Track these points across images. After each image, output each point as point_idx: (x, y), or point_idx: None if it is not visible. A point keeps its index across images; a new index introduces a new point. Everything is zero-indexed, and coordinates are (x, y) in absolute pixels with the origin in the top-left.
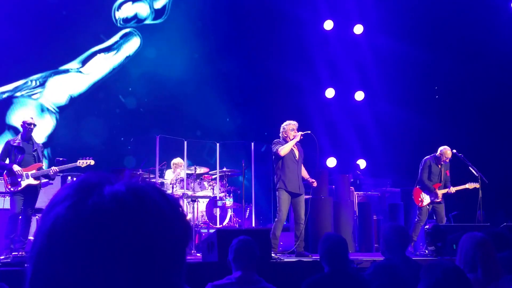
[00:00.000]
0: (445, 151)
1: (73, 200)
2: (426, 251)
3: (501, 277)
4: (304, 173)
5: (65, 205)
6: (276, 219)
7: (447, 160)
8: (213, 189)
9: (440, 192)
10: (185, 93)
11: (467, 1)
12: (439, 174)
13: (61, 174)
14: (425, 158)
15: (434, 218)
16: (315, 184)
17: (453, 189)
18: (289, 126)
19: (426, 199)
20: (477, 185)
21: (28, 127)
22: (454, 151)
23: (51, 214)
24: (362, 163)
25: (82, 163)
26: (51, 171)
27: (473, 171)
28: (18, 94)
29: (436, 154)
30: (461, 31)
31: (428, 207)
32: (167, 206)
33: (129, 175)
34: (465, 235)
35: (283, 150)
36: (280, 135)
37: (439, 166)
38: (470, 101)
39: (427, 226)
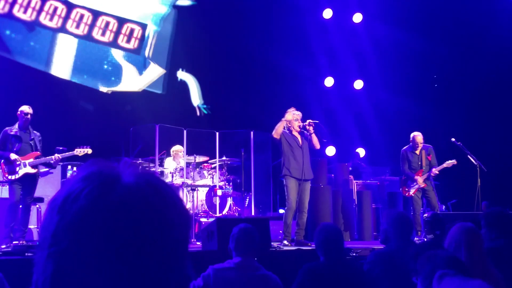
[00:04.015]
0: (415, 136)
1: (97, 193)
2: (425, 239)
3: (489, 268)
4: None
5: (89, 199)
6: (286, 208)
7: (419, 145)
8: (212, 178)
9: (420, 179)
10: (184, 82)
11: None
12: (419, 161)
13: (61, 163)
14: (402, 149)
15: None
16: (310, 128)
17: (435, 170)
18: (293, 116)
19: (411, 188)
20: (454, 162)
21: (25, 116)
22: (453, 139)
23: (75, 208)
24: (361, 152)
25: (79, 151)
26: (52, 159)
27: (471, 159)
28: None
29: (410, 142)
30: (459, 19)
31: (417, 195)
32: (175, 196)
33: (137, 166)
34: (456, 225)
35: (274, 131)
36: (286, 125)
37: (417, 153)
38: (469, 89)
39: (426, 215)
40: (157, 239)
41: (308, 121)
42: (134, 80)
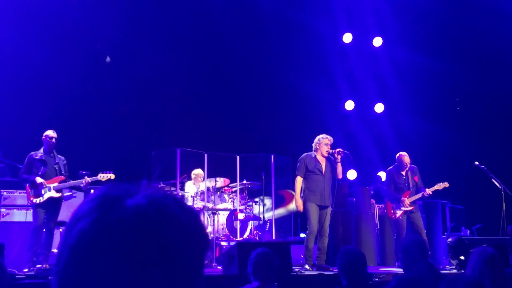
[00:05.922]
0: (402, 156)
1: (97, 215)
2: (449, 266)
3: None
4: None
5: (89, 220)
6: (307, 232)
7: (407, 165)
8: (233, 202)
9: (408, 200)
10: (205, 106)
11: (486, 12)
12: (405, 182)
13: None
14: (387, 169)
15: (412, 228)
16: (338, 157)
17: (428, 191)
18: (324, 140)
19: (398, 211)
20: (446, 184)
21: (50, 141)
22: (476, 163)
23: (76, 229)
24: (382, 175)
25: (102, 177)
26: (83, 182)
27: (496, 183)
28: None
29: (396, 163)
30: (480, 42)
31: (403, 218)
32: (185, 217)
33: (146, 186)
34: (475, 250)
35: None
36: (313, 145)
37: (404, 174)
38: (491, 111)
39: (450, 239)
40: (154, 259)
41: (338, 149)
42: None
